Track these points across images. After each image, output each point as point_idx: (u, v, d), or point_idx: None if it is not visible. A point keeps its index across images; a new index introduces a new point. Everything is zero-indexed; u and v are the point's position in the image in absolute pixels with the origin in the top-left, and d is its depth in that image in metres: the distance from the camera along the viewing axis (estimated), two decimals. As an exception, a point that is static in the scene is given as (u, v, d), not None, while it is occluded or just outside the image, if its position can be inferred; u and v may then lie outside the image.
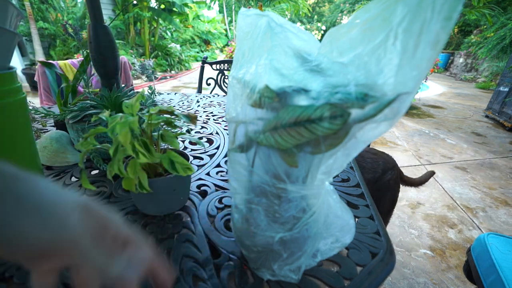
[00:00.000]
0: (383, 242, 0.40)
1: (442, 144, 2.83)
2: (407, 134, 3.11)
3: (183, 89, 5.37)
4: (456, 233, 1.54)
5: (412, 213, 1.70)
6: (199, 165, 0.62)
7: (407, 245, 1.43)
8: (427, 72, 0.23)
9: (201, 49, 10.20)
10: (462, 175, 2.20)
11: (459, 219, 1.66)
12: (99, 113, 0.57)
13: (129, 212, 0.45)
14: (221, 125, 0.91)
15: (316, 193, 0.29)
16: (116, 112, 0.59)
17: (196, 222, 0.43)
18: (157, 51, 7.13)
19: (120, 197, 0.49)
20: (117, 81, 0.67)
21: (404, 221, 1.62)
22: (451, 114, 3.97)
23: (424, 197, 1.87)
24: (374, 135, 0.26)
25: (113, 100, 0.61)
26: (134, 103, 0.39)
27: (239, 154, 0.30)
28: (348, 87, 0.23)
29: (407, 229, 1.55)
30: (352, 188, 0.54)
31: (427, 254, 1.37)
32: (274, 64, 0.27)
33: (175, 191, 0.43)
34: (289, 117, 0.23)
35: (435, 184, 2.04)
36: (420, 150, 2.66)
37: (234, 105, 0.32)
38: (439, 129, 3.31)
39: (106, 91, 0.61)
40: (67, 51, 5.51)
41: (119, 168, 0.35)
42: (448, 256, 1.36)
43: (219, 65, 1.74)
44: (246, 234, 0.33)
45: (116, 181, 0.53)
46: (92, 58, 0.63)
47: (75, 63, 2.07)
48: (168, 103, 1.18)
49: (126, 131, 0.33)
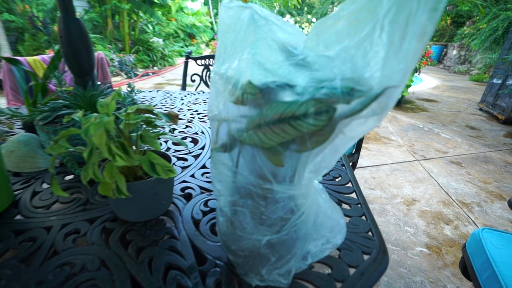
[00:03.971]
0: (375, 242, 0.40)
1: (436, 139, 2.91)
2: (401, 129, 3.18)
3: (166, 86, 5.30)
4: (452, 229, 1.59)
5: (407, 210, 1.74)
6: (183, 166, 0.62)
7: (403, 243, 1.46)
8: (414, 65, 0.23)
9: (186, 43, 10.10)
10: (457, 169, 2.27)
11: (455, 215, 1.72)
12: (72, 113, 0.55)
13: (107, 219, 0.44)
14: (207, 124, 0.91)
15: (304, 192, 0.29)
16: (92, 112, 0.58)
17: (180, 227, 0.43)
18: (138, 46, 7.00)
19: (97, 203, 0.48)
20: (92, 78, 0.65)
21: (400, 218, 1.66)
22: (445, 108, 4.09)
23: (420, 194, 1.92)
24: (362, 130, 0.26)
25: (88, 99, 0.59)
26: (110, 102, 0.38)
27: (222, 154, 0.30)
28: (334, 82, 0.24)
29: (403, 227, 1.59)
30: (343, 187, 0.55)
31: (423, 252, 1.41)
32: (257, 59, 0.27)
33: (156, 195, 0.43)
34: (273, 114, 0.24)
35: (431, 180, 2.10)
36: (415, 145, 2.73)
37: (216, 102, 0.31)
38: (433, 123, 3.41)
39: (80, 89, 0.60)
40: (37, 46, 5.32)
41: (95, 172, 0.34)
42: (445, 253, 1.41)
43: (204, 60, 1.72)
44: (231, 238, 0.33)
45: (92, 186, 0.52)
46: (63, 53, 0.61)
47: (46, 59, 2.00)
48: (150, 101, 1.17)
49: (101, 132, 0.32)
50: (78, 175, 0.55)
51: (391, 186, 2.00)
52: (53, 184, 0.35)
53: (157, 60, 7.17)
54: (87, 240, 0.40)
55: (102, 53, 2.29)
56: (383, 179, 2.10)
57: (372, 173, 2.18)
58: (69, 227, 0.42)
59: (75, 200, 0.49)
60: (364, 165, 2.30)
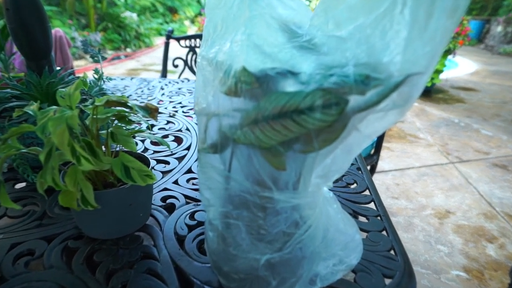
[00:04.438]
0: (399, 262, 0.41)
1: (475, 136, 2.94)
2: (431, 124, 3.20)
3: (142, 72, 5.29)
4: (497, 248, 1.60)
5: (439, 224, 1.75)
6: (164, 171, 0.62)
7: (434, 265, 1.48)
8: (444, 47, 0.24)
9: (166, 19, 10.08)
10: (502, 174, 2.29)
11: (500, 230, 1.73)
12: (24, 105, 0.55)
13: (69, 237, 0.44)
14: (193, 119, 0.91)
15: (311, 202, 0.30)
16: (49, 104, 0.58)
17: (161, 245, 0.43)
18: (106, 22, 6.98)
19: (56, 217, 0.48)
20: (49, 62, 0.65)
21: (430, 235, 1.67)
22: (487, 98, 4.12)
23: (455, 204, 1.93)
24: (381, 126, 0.27)
25: (45, 88, 0.60)
26: (73, 92, 0.38)
27: (211, 155, 0.31)
28: (346, 68, 0.24)
29: (434, 245, 1.60)
30: (359, 195, 0.56)
31: (460, 277, 1.42)
32: (253, 40, 0.28)
33: (131, 206, 0.43)
34: (273, 107, 0.24)
35: (468, 187, 2.12)
36: (448, 145, 2.75)
37: (204, 93, 0.32)
38: (472, 117, 3.43)
39: (34, 76, 0.60)
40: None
41: (54, 179, 0.34)
42: (488, 278, 1.42)
43: (189, 40, 1.73)
44: (223, 257, 0.33)
45: (50, 196, 0.53)
46: (10, 30, 0.61)
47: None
48: (123, 91, 1.17)
49: (62, 129, 0.33)
50: (32, 183, 0.56)
51: (419, 195, 2.01)
52: (0, 194, 0.35)
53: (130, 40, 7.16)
54: (44, 263, 0.40)
55: (60, 31, 2.29)
56: (409, 186, 2.11)
57: (396, 178, 2.20)
58: (20, 247, 0.42)
59: (29, 213, 0.49)
60: (385, 169, 2.31)
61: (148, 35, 7.70)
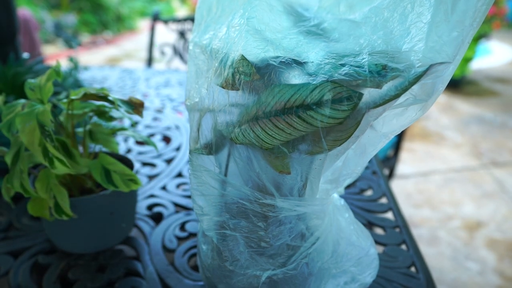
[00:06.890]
0: (421, 281, 0.41)
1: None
2: (460, 121, 3.20)
3: (125, 61, 5.28)
4: (536, 265, 1.60)
5: (470, 238, 1.75)
6: (150, 175, 0.62)
7: (464, 285, 1.48)
8: (474, 32, 0.24)
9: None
10: (541, 180, 2.28)
11: (540, 245, 1.72)
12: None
13: (40, 251, 0.45)
14: (183, 115, 0.91)
15: (319, 210, 0.30)
16: (17, 97, 0.58)
17: (147, 260, 0.43)
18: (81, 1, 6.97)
19: (25, 229, 0.48)
20: (14, 48, 0.66)
21: (459, 249, 1.67)
22: (525, 91, 4.11)
23: (487, 214, 1.93)
24: (400, 124, 0.27)
25: (10, 78, 0.60)
26: (45, 83, 0.39)
27: (205, 157, 0.31)
28: (359, 57, 0.24)
29: (464, 261, 1.60)
30: (375, 203, 0.56)
31: (493, 298, 1.42)
32: (254, 25, 0.28)
33: (112, 215, 0.43)
34: (276, 102, 0.24)
35: (503, 195, 2.11)
36: (481, 145, 2.74)
37: (197, 85, 0.32)
38: (508, 113, 3.42)
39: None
40: None
41: (22, 184, 0.35)
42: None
43: (179, 24, 1.72)
44: (219, 274, 0.33)
45: (18, 204, 0.53)
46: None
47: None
48: (102, 83, 1.17)
49: (32, 126, 0.33)
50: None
51: (445, 203, 2.01)
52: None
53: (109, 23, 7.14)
54: (10, 281, 0.40)
55: (26, 11, 2.28)
56: (434, 193, 2.11)
57: (418, 184, 2.19)
58: (-18, 264, 0.42)
59: (-6, 223, 0.49)
60: (406, 173, 2.31)
61: (130, 16, 7.69)
